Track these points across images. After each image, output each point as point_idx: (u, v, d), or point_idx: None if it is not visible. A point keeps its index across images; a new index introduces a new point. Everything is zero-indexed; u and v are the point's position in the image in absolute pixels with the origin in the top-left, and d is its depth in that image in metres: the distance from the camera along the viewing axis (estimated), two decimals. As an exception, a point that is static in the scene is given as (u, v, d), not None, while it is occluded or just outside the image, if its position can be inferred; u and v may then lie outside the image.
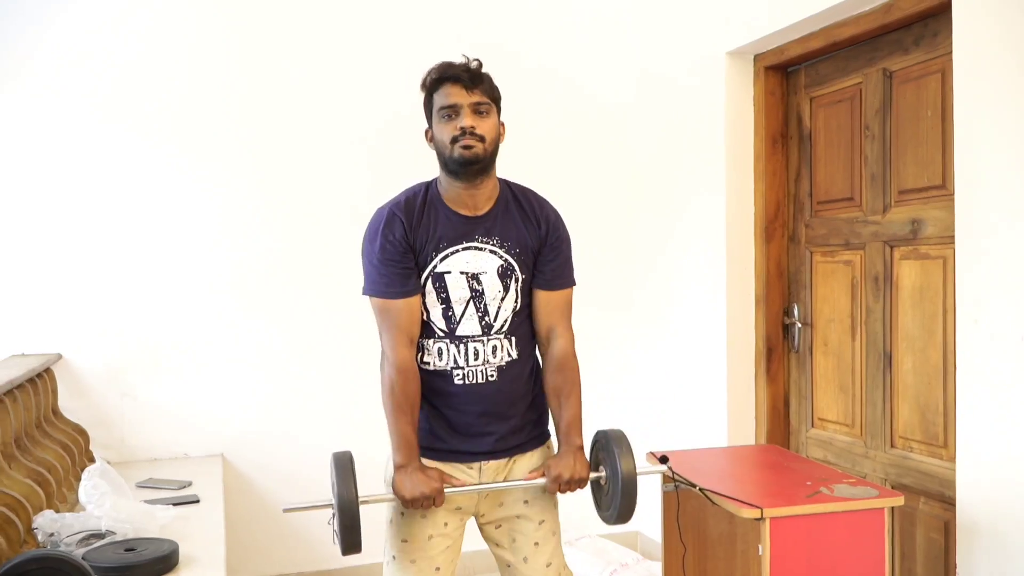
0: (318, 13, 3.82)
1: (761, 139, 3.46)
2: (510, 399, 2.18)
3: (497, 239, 2.14)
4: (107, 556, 2.23)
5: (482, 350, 2.13)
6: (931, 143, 2.78)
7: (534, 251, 2.18)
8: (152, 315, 3.65)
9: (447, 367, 2.13)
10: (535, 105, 4.00)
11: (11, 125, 3.53)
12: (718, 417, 3.58)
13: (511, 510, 2.22)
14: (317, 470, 3.76)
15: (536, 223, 2.19)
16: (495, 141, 2.10)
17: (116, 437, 3.61)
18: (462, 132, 2.03)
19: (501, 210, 2.17)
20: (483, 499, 2.21)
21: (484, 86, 2.09)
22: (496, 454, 2.19)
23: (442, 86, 2.07)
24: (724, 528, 2.49)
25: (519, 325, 2.18)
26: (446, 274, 2.11)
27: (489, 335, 2.14)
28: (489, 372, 2.14)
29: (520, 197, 2.21)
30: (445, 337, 2.13)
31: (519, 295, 2.17)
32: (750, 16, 3.32)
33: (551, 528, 2.26)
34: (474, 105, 2.06)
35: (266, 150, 3.77)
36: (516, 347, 2.17)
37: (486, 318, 2.13)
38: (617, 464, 2.10)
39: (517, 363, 2.18)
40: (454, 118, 2.05)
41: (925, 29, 2.79)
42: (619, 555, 3.81)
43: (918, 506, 2.84)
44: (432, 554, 2.18)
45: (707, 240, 3.64)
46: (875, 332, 3.03)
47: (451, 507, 2.17)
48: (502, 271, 2.14)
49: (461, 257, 2.12)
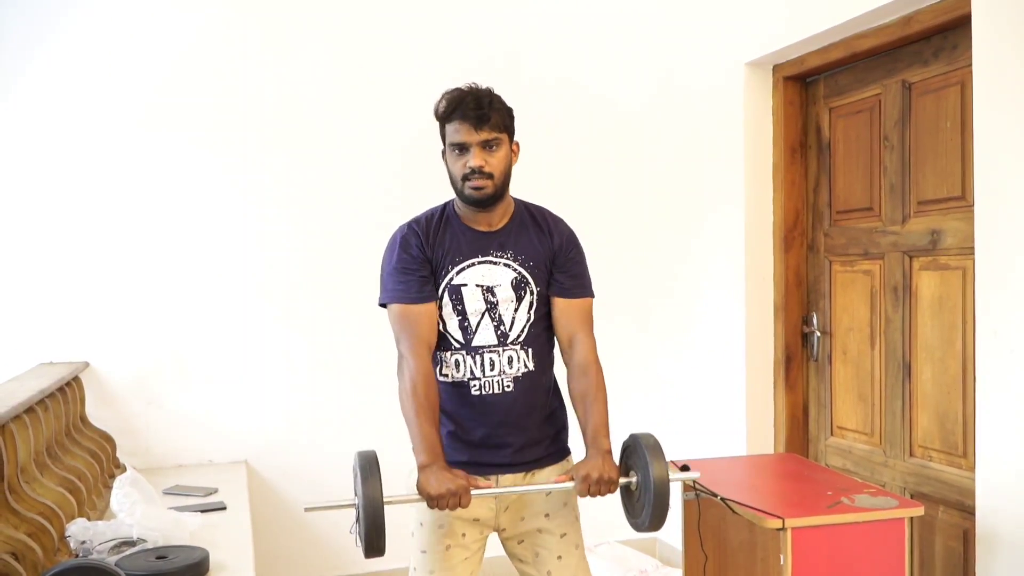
0: (347, 27, 3.85)
1: (780, 149, 3.49)
2: (526, 410, 2.18)
3: (511, 253, 2.18)
4: (139, 564, 2.27)
5: (498, 360, 2.16)
6: (950, 154, 2.79)
7: (548, 262, 2.21)
8: (178, 324, 3.70)
9: (464, 378, 2.16)
10: (553, 115, 4.03)
11: (41, 133, 3.58)
12: (737, 425, 3.60)
13: (532, 524, 2.22)
14: (341, 477, 3.80)
15: (549, 235, 2.23)
16: (505, 172, 2.13)
17: (142, 444, 3.66)
18: (471, 171, 2.07)
19: (516, 225, 2.21)
20: (503, 512, 2.20)
21: (492, 122, 2.09)
22: (514, 467, 2.18)
23: (451, 121, 2.10)
24: (744, 537, 2.51)
25: (536, 337, 2.20)
26: (463, 287, 2.15)
27: (505, 345, 2.16)
28: (505, 383, 2.15)
29: (535, 214, 2.25)
30: (462, 348, 2.16)
31: (533, 306, 2.19)
32: (769, 27, 3.34)
33: (574, 541, 2.25)
34: (482, 143, 2.08)
35: (294, 160, 3.81)
36: (533, 359, 2.19)
37: (501, 327, 2.16)
38: (649, 468, 2.03)
39: (533, 374, 2.19)
40: (463, 155, 2.09)
41: (944, 41, 2.80)
42: (638, 562, 3.84)
43: (937, 515, 2.85)
44: (450, 565, 2.17)
45: (726, 249, 3.66)
46: (894, 341, 3.05)
47: (469, 518, 2.17)
48: (516, 283, 2.17)
49: (477, 271, 2.16)
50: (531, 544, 2.23)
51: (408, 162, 3.85)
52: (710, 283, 3.81)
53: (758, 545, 2.44)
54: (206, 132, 3.73)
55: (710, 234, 3.80)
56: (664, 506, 2.04)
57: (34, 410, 2.74)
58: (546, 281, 2.21)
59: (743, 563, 2.54)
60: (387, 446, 3.80)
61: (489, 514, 2.19)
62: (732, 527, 2.59)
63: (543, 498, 2.21)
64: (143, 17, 3.67)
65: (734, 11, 3.57)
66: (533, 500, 2.21)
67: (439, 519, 2.16)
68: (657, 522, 2.07)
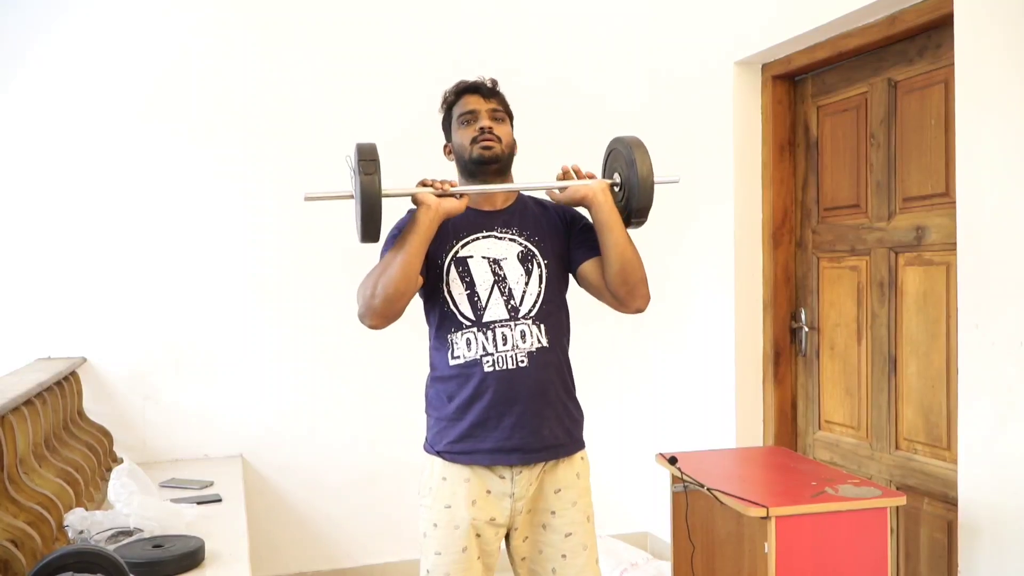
0: (343, 24, 3.90)
1: (769, 147, 3.53)
2: (541, 387, 2.14)
3: (516, 229, 2.22)
4: (136, 552, 2.31)
5: (510, 335, 2.13)
6: (935, 152, 2.84)
7: (563, 238, 2.25)
8: (174, 320, 3.74)
9: (477, 355, 2.13)
10: (544, 115, 4.04)
11: (38, 129, 3.62)
12: (727, 419, 3.65)
13: (538, 519, 2.19)
14: (335, 471, 3.89)
15: (555, 212, 2.29)
16: (511, 146, 2.25)
17: (139, 438, 3.70)
18: (481, 132, 2.18)
19: (519, 207, 2.27)
20: (521, 514, 2.17)
21: (500, 98, 2.27)
22: (527, 454, 2.13)
23: (461, 98, 2.24)
24: (732, 528, 2.56)
25: (549, 314, 2.18)
26: (469, 259, 2.17)
27: (517, 319, 2.14)
28: (520, 357, 2.12)
29: (537, 200, 2.33)
30: (472, 326, 2.14)
31: (544, 280, 2.18)
32: (758, 26, 3.39)
33: (581, 542, 2.19)
34: (491, 111, 2.22)
35: (290, 154, 3.85)
36: (546, 335, 2.16)
37: (512, 301, 2.15)
38: (633, 159, 2.11)
39: (548, 351, 2.16)
40: (473, 122, 2.20)
41: (928, 40, 2.85)
42: (629, 555, 3.88)
43: (922, 507, 2.90)
44: (466, 566, 2.13)
45: (716, 246, 3.71)
46: (880, 336, 3.10)
47: (485, 518, 2.14)
48: (522, 256, 2.19)
49: (482, 244, 2.19)
50: (535, 541, 2.20)
51: (405, 160, 3.88)
52: (700, 280, 3.86)
53: (745, 536, 2.49)
54: (203, 127, 3.77)
55: (700, 231, 3.85)
56: (648, 189, 2.11)
57: (32, 403, 2.79)
58: (556, 255, 2.22)
59: (730, 554, 2.59)
60: (382, 442, 3.89)
61: (505, 514, 2.16)
62: (719, 518, 2.63)
63: (552, 496, 2.18)
64: (140, 12, 3.71)
65: (723, 11, 3.62)
66: (543, 496, 2.18)
67: (455, 520, 2.13)
68: (642, 208, 2.14)
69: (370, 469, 3.92)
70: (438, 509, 2.15)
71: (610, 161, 2.26)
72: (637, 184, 2.11)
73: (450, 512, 2.14)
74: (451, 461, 2.16)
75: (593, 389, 4.24)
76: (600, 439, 4.43)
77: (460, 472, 2.15)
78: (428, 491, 2.19)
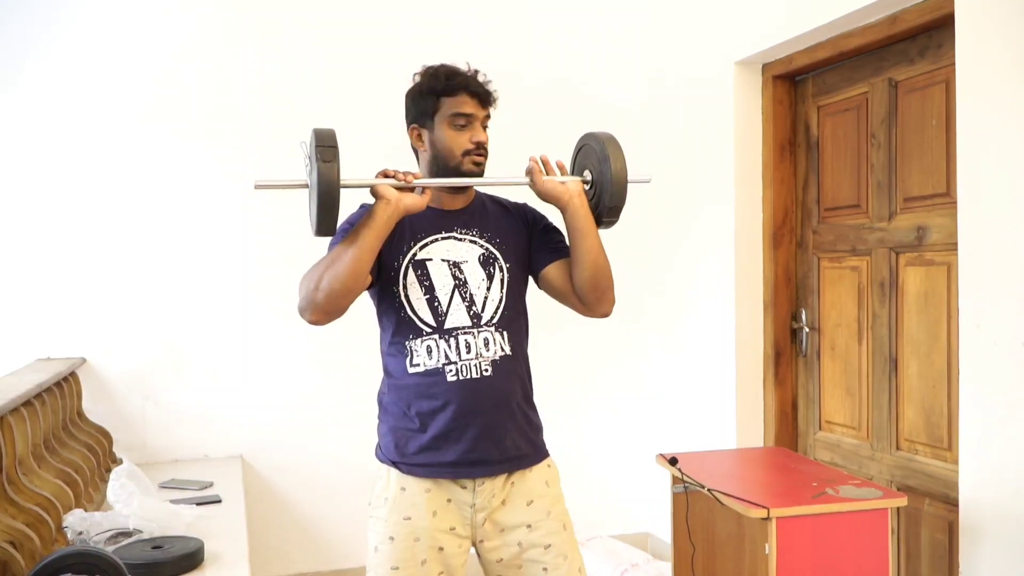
0: (343, 23, 3.89)
1: (769, 147, 3.53)
2: (504, 396, 2.06)
3: (476, 230, 2.12)
4: (136, 553, 2.31)
5: (473, 343, 2.04)
6: (936, 152, 2.84)
7: (524, 241, 2.16)
8: (174, 320, 3.74)
9: (439, 364, 2.03)
10: (544, 115, 4.05)
11: (39, 129, 3.61)
12: (727, 420, 3.64)
13: (513, 537, 2.08)
14: (335, 472, 3.87)
15: (515, 212, 2.20)
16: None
17: (138, 439, 3.69)
18: (476, 147, 2.06)
19: (478, 207, 2.17)
20: (482, 526, 2.07)
21: (493, 103, 2.12)
22: (499, 464, 2.06)
23: (457, 94, 2.06)
24: (732, 529, 2.55)
25: (511, 320, 2.09)
26: (428, 261, 2.06)
27: (479, 327, 2.05)
28: (484, 366, 2.03)
29: (495, 199, 2.23)
30: (433, 333, 2.04)
31: (505, 285, 2.10)
32: (758, 26, 3.38)
33: (561, 552, 2.09)
34: (484, 119, 2.10)
35: (290, 154, 3.81)
36: (509, 343, 2.07)
37: (473, 307, 2.05)
38: (606, 155, 2.05)
39: (511, 359, 2.07)
40: (467, 128, 2.06)
41: (929, 40, 2.85)
42: (630, 556, 3.88)
43: (923, 507, 2.89)
44: None
45: (716, 246, 3.70)
46: (881, 337, 3.09)
47: (445, 527, 2.05)
48: (483, 259, 2.09)
49: (441, 245, 2.08)
50: (514, 561, 2.09)
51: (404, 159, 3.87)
52: (701, 280, 3.85)
53: (746, 537, 2.48)
54: (204, 127, 3.76)
55: (701, 231, 3.84)
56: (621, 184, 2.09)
57: (32, 404, 2.78)
58: (517, 259, 2.13)
59: (731, 555, 2.58)
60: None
61: (467, 523, 2.07)
62: (720, 519, 2.63)
63: (524, 508, 2.08)
64: (142, 11, 3.71)
65: (724, 11, 3.61)
66: (514, 510, 2.08)
67: (415, 532, 2.04)
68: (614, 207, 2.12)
69: (370, 470, 3.87)
70: (396, 521, 2.06)
71: (580, 157, 2.17)
72: (610, 182, 2.04)
73: (410, 524, 2.04)
74: (409, 474, 2.08)
75: (593, 389, 4.30)
76: (601, 439, 4.45)
77: (420, 483, 2.06)
78: (383, 502, 2.10)
